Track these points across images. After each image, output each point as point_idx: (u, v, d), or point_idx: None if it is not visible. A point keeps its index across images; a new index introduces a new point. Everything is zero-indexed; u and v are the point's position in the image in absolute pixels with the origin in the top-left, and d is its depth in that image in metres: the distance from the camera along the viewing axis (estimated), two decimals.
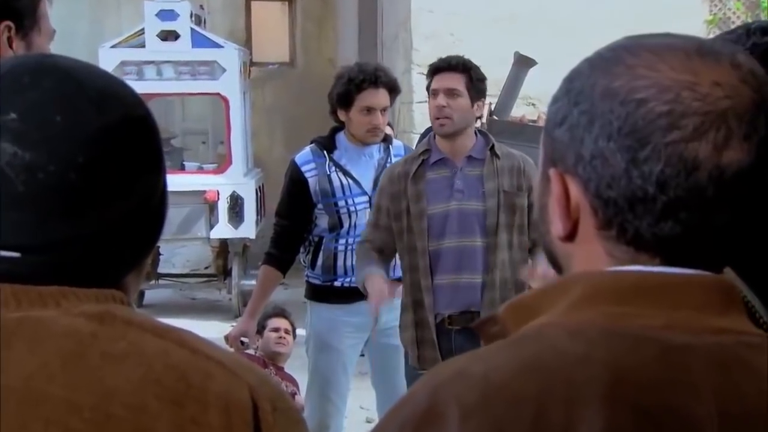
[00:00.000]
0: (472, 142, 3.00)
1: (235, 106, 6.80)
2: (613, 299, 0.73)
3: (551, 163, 0.79)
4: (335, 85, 3.29)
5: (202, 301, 7.64)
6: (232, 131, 6.83)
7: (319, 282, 3.38)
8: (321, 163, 3.31)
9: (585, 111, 0.76)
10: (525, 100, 5.83)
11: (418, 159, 2.99)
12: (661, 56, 0.74)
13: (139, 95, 0.85)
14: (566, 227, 0.77)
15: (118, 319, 0.80)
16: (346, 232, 3.33)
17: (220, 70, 6.73)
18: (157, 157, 0.84)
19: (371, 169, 3.36)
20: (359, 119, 3.25)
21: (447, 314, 2.93)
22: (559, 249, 0.80)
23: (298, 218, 3.32)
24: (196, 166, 7.14)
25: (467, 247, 2.92)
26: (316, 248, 3.37)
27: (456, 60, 2.96)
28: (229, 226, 6.75)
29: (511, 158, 3.00)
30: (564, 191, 0.77)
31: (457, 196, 2.94)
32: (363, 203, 3.32)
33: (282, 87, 9.51)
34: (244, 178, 6.88)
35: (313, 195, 3.30)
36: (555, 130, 0.78)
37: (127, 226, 0.82)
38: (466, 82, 2.94)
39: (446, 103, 2.91)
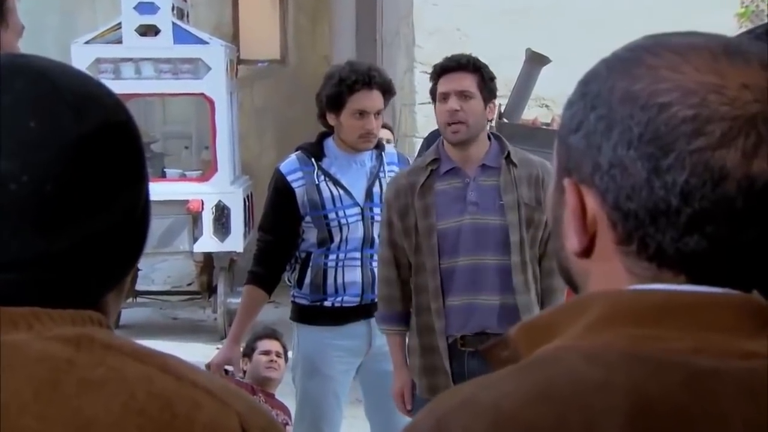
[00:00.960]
0: (486, 149, 2.99)
1: (221, 108, 6.81)
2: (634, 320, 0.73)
3: (566, 172, 0.79)
4: (324, 86, 3.29)
5: (184, 322, 7.63)
6: (218, 135, 6.84)
7: (307, 302, 3.38)
8: (308, 172, 3.31)
9: (602, 116, 0.76)
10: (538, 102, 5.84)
11: (425, 169, 2.98)
12: (684, 57, 0.75)
13: (119, 98, 0.86)
14: (582, 242, 0.78)
15: (97, 342, 0.80)
16: (337, 246, 3.33)
17: (205, 69, 6.75)
18: (139, 165, 0.85)
19: (363, 178, 3.36)
20: (351, 123, 3.26)
21: (459, 335, 2.92)
22: (575, 266, 0.80)
23: (284, 233, 3.32)
24: (178, 174, 7.14)
25: (483, 266, 2.91)
26: (304, 265, 3.37)
27: (465, 58, 2.96)
28: (214, 238, 6.75)
29: (529, 166, 3.00)
30: (580, 203, 0.78)
31: (470, 210, 2.93)
32: (355, 215, 3.32)
33: (272, 87, 9.53)
34: (230, 186, 6.88)
35: (301, 207, 3.30)
36: (570, 136, 0.79)
37: (107, 242, 0.82)
38: (479, 82, 2.95)
39: (459, 106, 2.90)
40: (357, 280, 3.31)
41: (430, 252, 2.92)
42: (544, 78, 4.81)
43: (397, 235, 2.99)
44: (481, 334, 2.91)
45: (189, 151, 8.33)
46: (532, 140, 4.40)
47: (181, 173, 7.17)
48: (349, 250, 3.33)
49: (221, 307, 6.96)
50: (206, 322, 7.46)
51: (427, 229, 2.93)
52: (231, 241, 6.79)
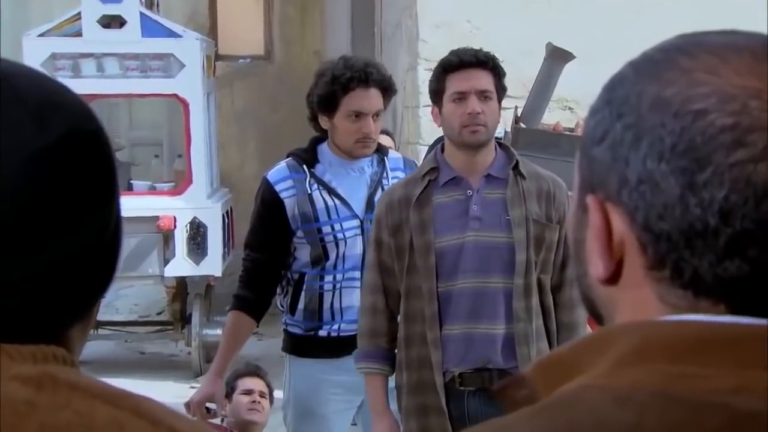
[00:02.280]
0: (492, 157, 3.01)
1: (196, 111, 6.83)
2: (668, 356, 0.74)
3: (589, 188, 0.80)
4: (316, 85, 3.32)
5: (153, 357, 7.61)
6: (193, 142, 6.86)
7: (301, 331, 3.38)
8: (300, 180, 3.33)
9: (630, 125, 0.77)
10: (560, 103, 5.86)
11: (422, 180, 3.00)
12: (723, 58, 0.76)
13: (88, 105, 0.87)
14: (608, 267, 0.79)
15: (61, 382, 0.80)
16: (333, 266, 3.33)
17: (178, 66, 6.77)
18: (110, 181, 0.86)
19: (362, 187, 3.38)
20: (346, 127, 3.27)
21: (457, 372, 2.92)
22: (600, 294, 0.81)
23: (273, 250, 3.33)
24: (146, 186, 7.15)
25: (485, 289, 2.92)
26: (296, 288, 3.37)
27: (483, 53, 2.99)
28: (188, 261, 6.75)
29: (538, 180, 3.01)
30: (605, 223, 0.78)
31: (473, 225, 2.94)
32: (353, 229, 3.33)
33: (255, 87, 9.55)
34: (207, 200, 6.89)
35: (291, 220, 3.31)
36: (594, 148, 0.80)
37: (73, 268, 0.83)
38: (495, 81, 2.98)
39: (481, 108, 2.93)
40: (356, 304, 3.31)
41: (427, 273, 2.92)
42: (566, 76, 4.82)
43: (387, 256, 3.00)
44: (482, 370, 2.91)
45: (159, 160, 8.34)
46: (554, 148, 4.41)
47: (150, 186, 7.18)
48: (347, 269, 3.33)
49: (196, 340, 6.95)
50: (179, 357, 7.44)
51: (424, 247, 2.94)
52: (208, 264, 6.78)
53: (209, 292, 7.24)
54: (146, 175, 7.77)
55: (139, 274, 6.77)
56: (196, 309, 7.04)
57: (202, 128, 6.88)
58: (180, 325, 7.30)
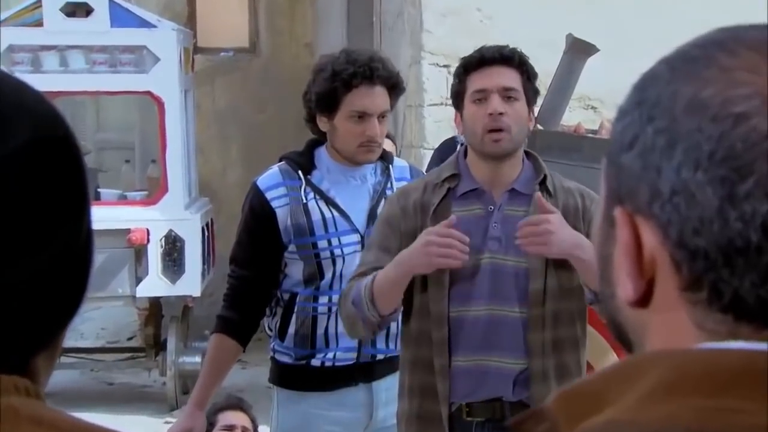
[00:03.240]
0: (518, 169, 3.01)
1: (172, 110, 6.83)
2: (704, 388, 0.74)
3: (617, 200, 0.81)
4: (313, 82, 3.32)
5: (123, 387, 7.61)
6: (169, 145, 6.86)
7: (290, 359, 3.38)
8: (294, 188, 3.33)
9: (663, 129, 0.78)
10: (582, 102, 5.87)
11: (442, 187, 2.99)
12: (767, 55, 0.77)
13: (54, 106, 0.87)
14: (638, 288, 0.79)
15: (23, 417, 0.80)
16: (329, 285, 3.33)
17: (151, 59, 6.78)
18: (80, 191, 0.86)
19: (364, 198, 3.38)
20: (348, 129, 3.28)
21: (465, 402, 2.93)
22: (629, 317, 0.82)
23: (262, 266, 3.33)
24: (116, 195, 7.15)
25: (501, 318, 2.92)
26: (287, 310, 3.37)
27: (509, 49, 2.98)
28: (163, 279, 6.75)
29: (567, 195, 3.01)
30: (634, 239, 0.79)
31: (491, 246, 2.94)
32: (353, 244, 3.33)
33: (239, 83, 9.57)
34: (185, 211, 6.89)
35: (283, 232, 3.31)
36: (622, 155, 0.80)
37: (39, 290, 0.83)
38: (523, 81, 2.97)
39: (504, 109, 2.93)
40: None
41: (439, 294, 2.92)
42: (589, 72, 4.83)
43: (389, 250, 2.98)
44: (494, 400, 2.92)
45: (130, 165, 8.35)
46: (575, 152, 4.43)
47: (120, 194, 7.19)
48: None
49: (172, 369, 6.95)
50: (152, 387, 7.43)
51: None
52: (185, 283, 6.78)
53: (187, 315, 7.24)
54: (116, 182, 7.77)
55: (107, 295, 6.77)
56: (171, 334, 7.03)
57: (178, 130, 6.88)
58: (153, 352, 7.29)
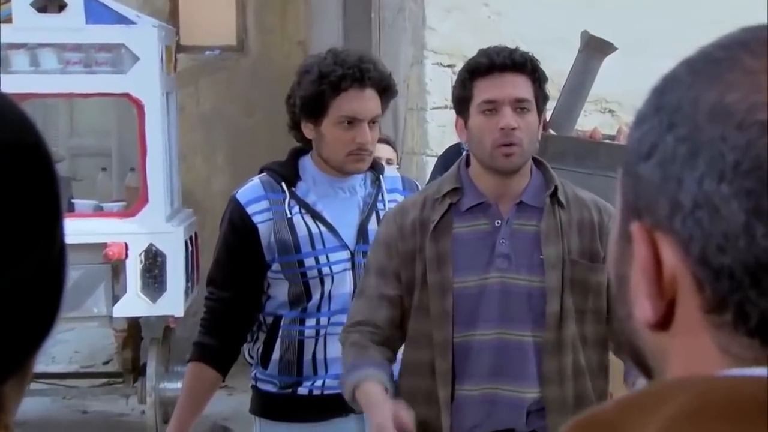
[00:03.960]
0: (527, 180, 3.01)
1: (152, 114, 6.84)
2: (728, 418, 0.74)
3: (634, 213, 0.81)
4: (298, 85, 3.32)
5: (98, 416, 7.60)
6: (149, 152, 6.86)
7: (275, 388, 3.39)
8: (277, 201, 3.33)
9: (684, 138, 0.78)
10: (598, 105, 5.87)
11: (443, 202, 2.99)
12: None
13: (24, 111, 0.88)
14: (657, 309, 0.79)
15: None
16: (317, 307, 3.33)
17: (130, 59, 6.78)
18: (53, 203, 0.87)
19: (354, 211, 3.38)
20: (337, 136, 3.28)
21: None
22: (648, 341, 0.82)
23: (243, 287, 3.34)
24: (92, 206, 7.15)
25: (512, 343, 2.92)
26: (271, 334, 3.38)
27: (520, 54, 2.97)
28: (142, 298, 6.75)
29: (581, 207, 3.01)
30: (653, 256, 0.79)
31: (499, 264, 2.94)
32: (342, 262, 3.34)
33: (226, 84, 9.57)
34: (166, 223, 6.89)
35: (266, 250, 3.32)
36: (640, 165, 0.80)
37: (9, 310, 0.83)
38: (535, 89, 2.98)
39: (516, 123, 2.93)
40: None
41: (442, 319, 2.91)
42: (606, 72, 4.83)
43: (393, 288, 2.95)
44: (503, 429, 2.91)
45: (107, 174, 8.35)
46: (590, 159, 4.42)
47: (96, 206, 7.18)
48: (333, 311, 3.33)
49: (152, 396, 6.94)
50: (130, 416, 7.43)
51: (440, 287, 2.93)
52: (167, 302, 6.78)
53: (168, 337, 7.23)
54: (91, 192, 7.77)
55: (81, 315, 6.75)
56: (152, 357, 7.02)
57: (159, 135, 6.88)
58: (132, 378, 7.28)
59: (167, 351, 7.21)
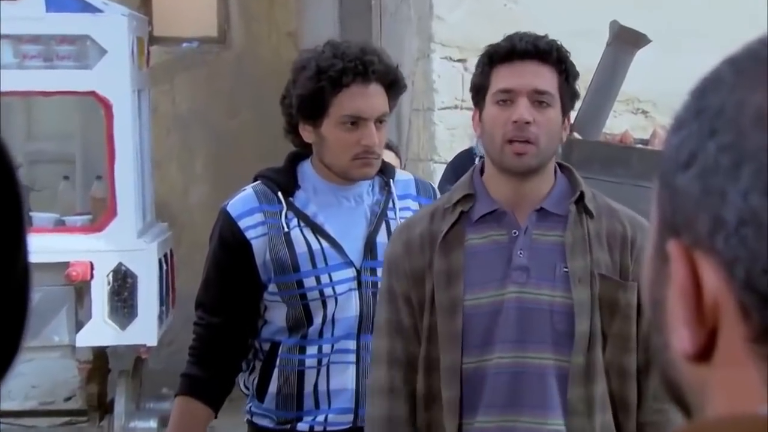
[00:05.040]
0: (549, 186, 3.02)
1: (122, 115, 6.84)
2: None
3: (671, 231, 0.81)
4: (294, 84, 3.33)
5: None
6: (118, 158, 6.86)
7: (272, 423, 3.40)
8: (273, 214, 3.34)
9: (728, 146, 0.78)
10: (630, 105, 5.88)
11: (452, 211, 3.00)
12: None
13: None
14: (697, 339, 0.80)
15: None
16: (318, 333, 3.34)
17: (97, 52, 6.78)
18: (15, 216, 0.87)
19: (360, 223, 3.39)
20: (340, 138, 3.29)
21: None
22: (686, 374, 0.82)
23: (236, 312, 3.35)
24: (52, 220, 7.15)
25: (532, 368, 2.93)
26: (267, 364, 3.39)
27: (545, 41, 2.98)
28: (110, 324, 6.74)
29: (612, 218, 3.02)
30: (692, 278, 0.79)
31: (517, 278, 2.95)
32: (347, 281, 3.35)
33: (206, 81, 9.58)
34: (138, 240, 6.89)
35: (261, 269, 3.33)
36: (678, 175, 0.81)
37: None
38: (560, 82, 2.98)
39: (532, 116, 2.94)
40: (349, 387, 3.33)
41: (450, 342, 2.92)
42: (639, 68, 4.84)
43: (407, 314, 3.00)
44: None
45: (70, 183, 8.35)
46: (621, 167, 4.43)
47: (57, 219, 7.18)
48: (337, 337, 3.34)
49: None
50: None
51: (449, 306, 2.94)
52: (138, 329, 6.76)
53: (140, 369, 7.22)
54: (52, 204, 7.78)
55: (40, 344, 6.75)
56: (120, 392, 7.02)
57: (130, 139, 6.88)
58: (97, 416, 7.28)
59: (138, 385, 7.20)
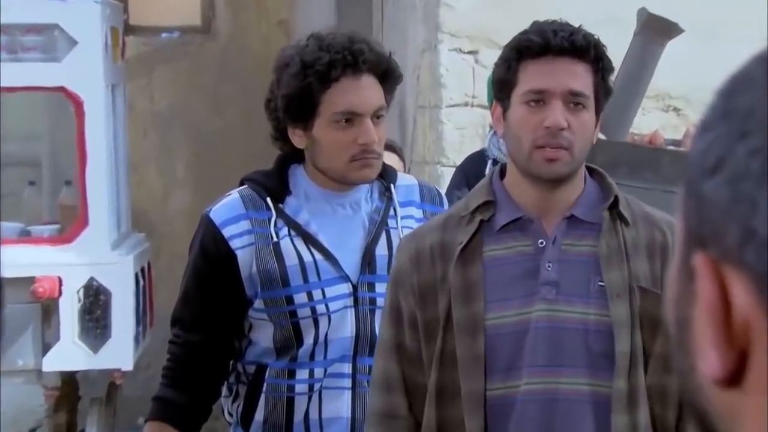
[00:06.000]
0: (579, 190, 3.03)
1: (94, 113, 6.85)
2: None
3: (698, 243, 0.82)
4: (278, 84, 3.34)
5: None
6: (90, 162, 6.87)
7: None
8: (261, 222, 3.36)
9: (759, 149, 0.79)
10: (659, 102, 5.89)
11: (471, 219, 3.00)
12: None
13: None
14: (726, 362, 0.80)
15: None
16: (310, 355, 3.35)
17: (66, 43, 6.80)
18: None
19: (357, 232, 3.41)
20: (334, 139, 3.30)
21: None
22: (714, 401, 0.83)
23: (217, 329, 3.37)
24: (16, 230, 7.16)
25: (565, 394, 2.93)
26: (253, 389, 3.40)
27: (583, 36, 2.96)
28: (80, 346, 6.75)
29: (650, 225, 3.03)
30: (721, 295, 0.80)
31: (546, 294, 2.95)
32: (342, 298, 3.36)
33: (188, 75, 9.58)
34: (112, 252, 6.90)
35: (247, 283, 3.34)
36: (705, 182, 0.82)
37: None
38: (596, 81, 2.99)
39: (567, 121, 2.93)
40: (344, 415, 3.34)
41: (471, 366, 2.92)
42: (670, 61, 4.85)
43: (411, 337, 2.99)
44: None
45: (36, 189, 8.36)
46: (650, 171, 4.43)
47: (22, 229, 7.20)
48: (330, 360, 3.35)
49: None
50: None
51: (469, 325, 2.94)
52: (112, 352, 6.76)
53: (114, 396, 7.23)
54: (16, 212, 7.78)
55: (3, 368, 6.74)
56: (92, 422, 7.03)
57: (103, 139, 6.89)
58: None
59: (112, 414, 7.21)
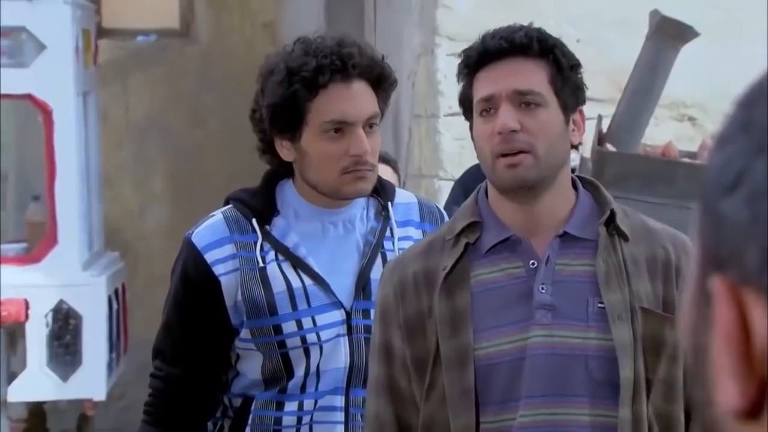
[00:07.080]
0: (570, 204, 3.03)
1: (64, 123, 6.85)
2: None
3: (715, 265, 0.82)
4: (262, 93, 3.33)
5: None
6: (59, 175, 6.87)
7: None
8: (247, 246, 3.36)
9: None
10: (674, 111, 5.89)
11: (456, 242, 3.01)
12: None
13: None
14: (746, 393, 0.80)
15: None
16: (300, 387, 3.36)
17: (34, 48, 6.81)
18: None
19: (351, 255, 3.41)
20: (323, 150, 3.29)
21: None
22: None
23: (201, 362, 3.37)
24: None
25: (565, 426, 2.94)
26: (238, 423, 3.41)
27: (525, 32, 2.99)
28: (48, 374, 6.75)
29: (651, 239, 3.03)
30: (740, 322, 0.80)
31: (541, 318, 2.95)
32: (334, 326, 3.36)
33: (166, 82, 9.59)
34: (83, 273, 6.90)
35: (232, 312, 3.34)
36: (722, 199, 0.82)
37: None
38: (551, 75, 2.99)
39: (517, 121, 2.96)
40: None
41: (460, 400, 2.92)
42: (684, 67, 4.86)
43: (402, 373, 3.00)
44: None
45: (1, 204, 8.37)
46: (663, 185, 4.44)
47: None
48: (321, 392, 3.35)
49: None
50: None
51: (457, 357, 2.94)
52: (83, 380, 6.77)
53: (84, 429, 7.21)
54: None
55: None
56: None
57: (74, 152, 6.89)
58: None
59: None
